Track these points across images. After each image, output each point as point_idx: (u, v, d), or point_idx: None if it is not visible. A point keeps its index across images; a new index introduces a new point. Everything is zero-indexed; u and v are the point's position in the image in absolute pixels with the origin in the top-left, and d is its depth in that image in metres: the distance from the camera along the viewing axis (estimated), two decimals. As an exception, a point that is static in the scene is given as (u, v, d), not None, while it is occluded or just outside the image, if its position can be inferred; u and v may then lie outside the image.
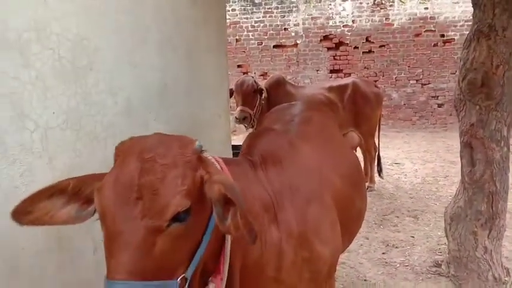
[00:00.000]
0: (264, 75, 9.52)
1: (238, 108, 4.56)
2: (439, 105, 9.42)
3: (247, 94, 4.55)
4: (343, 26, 9.36)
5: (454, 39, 9.03)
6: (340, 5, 9.28)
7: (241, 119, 4.53)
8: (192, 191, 1.01)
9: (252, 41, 9.69)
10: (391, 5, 9.05)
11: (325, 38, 9.44)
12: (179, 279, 1.00)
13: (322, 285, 1.61)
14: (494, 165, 2.71)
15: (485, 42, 2.66)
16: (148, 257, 0.94)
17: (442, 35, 9.09)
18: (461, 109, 2.88)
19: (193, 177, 1.03)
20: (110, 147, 1.63)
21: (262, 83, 4.94)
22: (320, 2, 9.14)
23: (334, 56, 9.47)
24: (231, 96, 4.65)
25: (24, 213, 1.03)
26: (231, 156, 3.09)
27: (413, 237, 3.80)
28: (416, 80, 9.39)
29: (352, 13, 9.30)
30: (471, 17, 9.55)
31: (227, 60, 3.05)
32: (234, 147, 5.18)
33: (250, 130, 4.78)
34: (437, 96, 9.40)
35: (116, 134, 1.64)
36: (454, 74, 9.20)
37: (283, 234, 1.40)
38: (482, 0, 2.67)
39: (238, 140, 7.52)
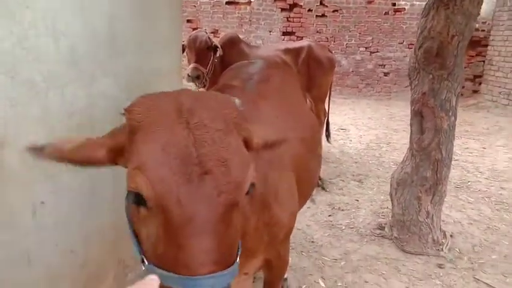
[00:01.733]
0: (215, 32, 9.18)
1: (191, 65, 4.30)
2: (385, 74, 9.68)
3: (200, 51, 4.30)
4: (298, -13, 9.18)
5: (404, 8, 9.19)
6: (296, -36, 9.04)
7: (194, 77, 4.30)
8: None
9: (204, -4, 9.25)
10: (346, -31, 8.96)
11: (280, -2, 9.22)
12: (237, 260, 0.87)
13: (278, 247, 1.59)
14: (442, 134, 2.80)
15: (443, 12, 2.67)
16: (227, 239, 0.81)
17: (394, 4, 9.20)
18: (414, 77, 2.91)
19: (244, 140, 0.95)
20: (52, 98, 1.45)
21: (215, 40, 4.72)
22: (276, -40, 8.84)
23: (287, 18, 9.30)
24: (182, 53, 4.40)
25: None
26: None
27: (357, 200, 3.93)
28: (366, 48, 9.53)
29: (308, -26, 9.11)
30: (423, -12, 9.45)
31: (181, 12, 2.84)
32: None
33: (202, 89, 4.60)
34: (384, 65, 9.63)
35: (59, 86, 1.45)
36: (402, 43, 9.44)
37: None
38: (444, -31, 2.66)
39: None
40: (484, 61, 9.49)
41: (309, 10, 9.26)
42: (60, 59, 1.47)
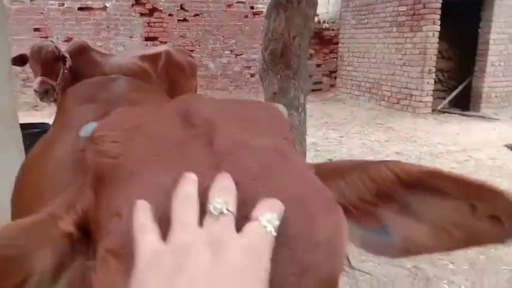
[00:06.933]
0: (68, 40, 8.42)
1: (38, 79, 3.76)
2: (251, 75, 10.05)
3: (47, 62, 3.79)
4: (155, -8, 8.96)
5: (262, 11, 9.60)
6: (151, -32, 8.81)
7: (43, 93, 3.80)
8: None
9: (52, 1, 8.43)
10: (205, -26, 9.04)
11: (137, 2, 8.85)
12: None
13: None
14: (294, 130, 2.93)
15: (283, 14, 2.78)
16: None
17: (252, 7, 9.58)
18: (265, 79, 3.00)
19: None
20: None
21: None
22: (129, -37, 8.49)
23: (148, 23, 9.01)
24: (25, 64, 3.90)
25: None
26: (20, 138, 2.57)
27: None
28: (231, 51, 9.74)
29: (164, -22, 8.95)
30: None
31: (7, 21, 2.49)
32: (33, 125, 4.44)
33: (53, 105, 4.14)
34: (250, 67, 9.99)
35: None
36: (263, 45, 9.87)
37: None
38: (281, -28, 2.78)
39: (42, 116, 6.56)
40: (336, 57, 10.45)
41: (170, 15, 9.10)
42: None
